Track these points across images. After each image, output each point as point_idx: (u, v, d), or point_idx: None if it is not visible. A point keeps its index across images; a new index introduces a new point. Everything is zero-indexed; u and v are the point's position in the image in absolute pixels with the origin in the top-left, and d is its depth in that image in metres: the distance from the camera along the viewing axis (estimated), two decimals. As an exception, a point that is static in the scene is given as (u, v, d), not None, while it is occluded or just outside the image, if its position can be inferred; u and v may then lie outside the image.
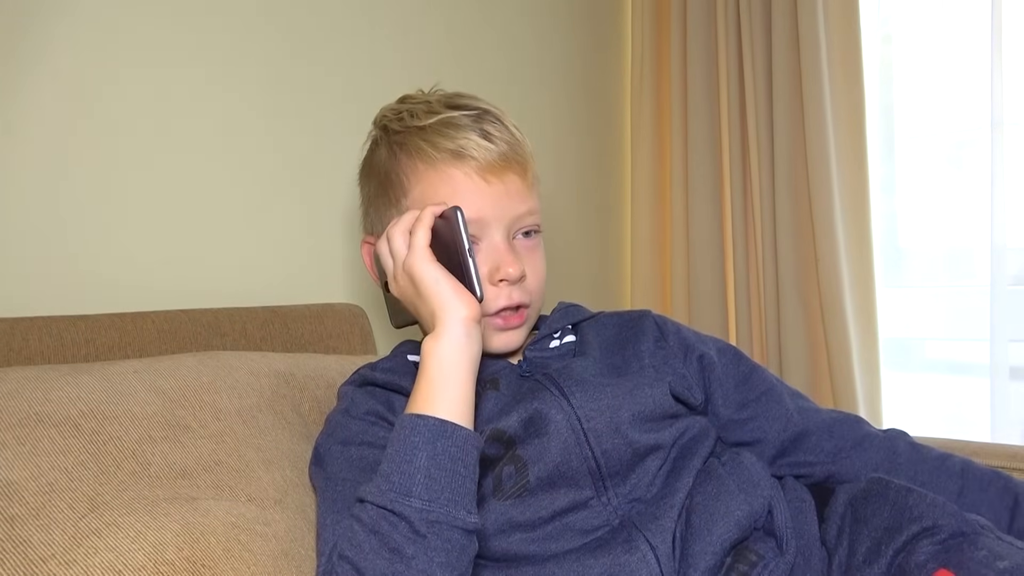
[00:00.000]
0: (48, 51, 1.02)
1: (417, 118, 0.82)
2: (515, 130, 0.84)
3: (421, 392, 0.70)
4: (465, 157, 0.80)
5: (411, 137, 0.82)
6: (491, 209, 0.80)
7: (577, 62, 1.81)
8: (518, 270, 0.80)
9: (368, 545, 0.64)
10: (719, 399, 0.88)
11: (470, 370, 0.72)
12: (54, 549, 0.64)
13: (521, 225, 0.83)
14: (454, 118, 0.81)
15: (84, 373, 0.80)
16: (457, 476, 0.66)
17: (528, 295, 0.83)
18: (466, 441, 0.68)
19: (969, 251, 1.61)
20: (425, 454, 0.66)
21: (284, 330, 1.11)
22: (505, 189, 0.81)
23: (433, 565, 0.63)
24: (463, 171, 0.80)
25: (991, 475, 0.85)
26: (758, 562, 0.73)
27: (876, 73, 1.67)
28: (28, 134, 1.01)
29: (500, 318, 0.82)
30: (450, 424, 0.67)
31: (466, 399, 0.70)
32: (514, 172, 0.82)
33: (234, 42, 1.20)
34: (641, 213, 1.84)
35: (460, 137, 0.80)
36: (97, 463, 0.71)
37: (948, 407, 1.67)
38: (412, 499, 0.64)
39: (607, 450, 0.77)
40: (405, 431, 0.67)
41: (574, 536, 0.75)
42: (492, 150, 0.80)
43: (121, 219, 1.08)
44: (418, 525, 0.63)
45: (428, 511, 0.64)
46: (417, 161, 0.82)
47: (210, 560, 0.67)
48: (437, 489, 0.65)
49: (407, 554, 0.63)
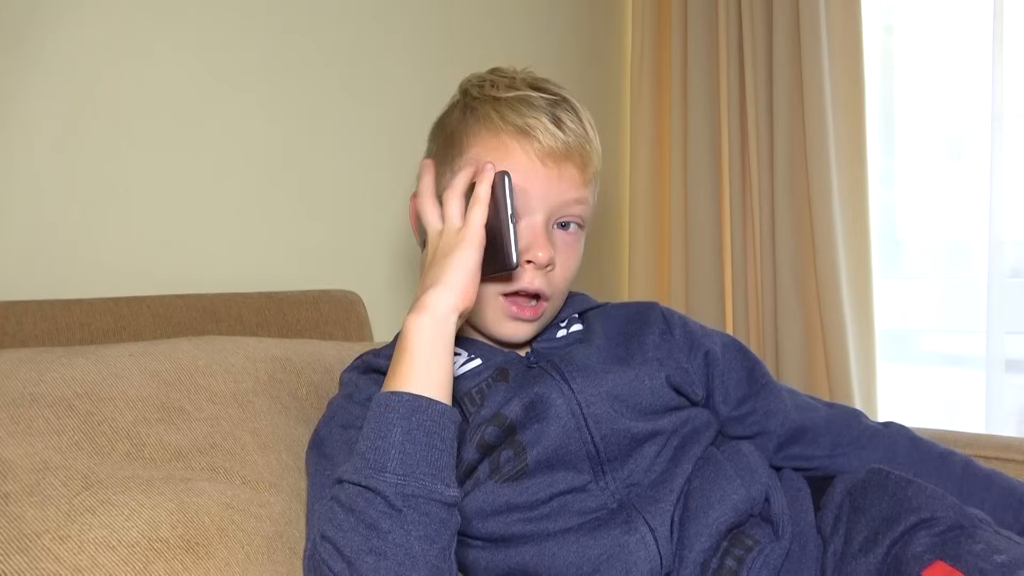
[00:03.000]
0: (49, 38, 1.01)
1: (496, 89, 0.81)
2: (588, 125, 0.82)
3: (398, 368, 0.69)
4: (529, 136, 0.78)
5: (484, 105, 0.81)
6: (539, 188, 0.78)
7: (577, 54, 1.81)
8: (547, 255, 0.78)
9: (347, 523, 0.64)
10: (719, 396, 0.88)
11: (448, 350, 0.70)
12: (48, 525, 0.64)
13: (565, 214, 0.81)
14: (531, 97, 0.80)
15: (79, 355, 0.80)
16: (433, 450, 0.66)
17: (550, 287, 0.81)
18: (442, 415, 0.67)
19: (967, 243, 1.61)
20: (400, 429, 0.65)
21: (280, 316, 1.11)
22: (559, 175, 0.79)
23: (411, 538, 0.63)
24: (523, 147, 0.79)
25: (993, 475, 0.85)
26: (754, 547, 0.74)
27: (877, 64, 1.67)
28: (26, 120, 1.00)
29: (514, 304, 0.81)
30: (424, 399, 0.67)
31: (443, 376, 0.69)
32: (574, 164, 0.80)
33: (231, 30, 1.19)
34: (639, 202, 1.84)
35: (530, 116, 0.79)
36: (91, 443, 0.71)
37: (943, 399, 1.67)
38: (387, 474, 0.64)
39: (606, 435, 0.77)
40: (380, 408, 0.67)
41: (571, 516, 0.75)
42: (558, 136, 0.78)
43: (117, 204, 1.08)
44: (393, 499, 0.63)
45: (403, 485, 0.64)
46: (482, 127, 0.80)
47: (204, 539, 0.67)
48: (412, 463, 0.64)
49: (383, 529, 0.63)
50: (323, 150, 1.30)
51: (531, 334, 0.83)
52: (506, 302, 0.80)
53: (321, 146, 1.30)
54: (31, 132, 1.00)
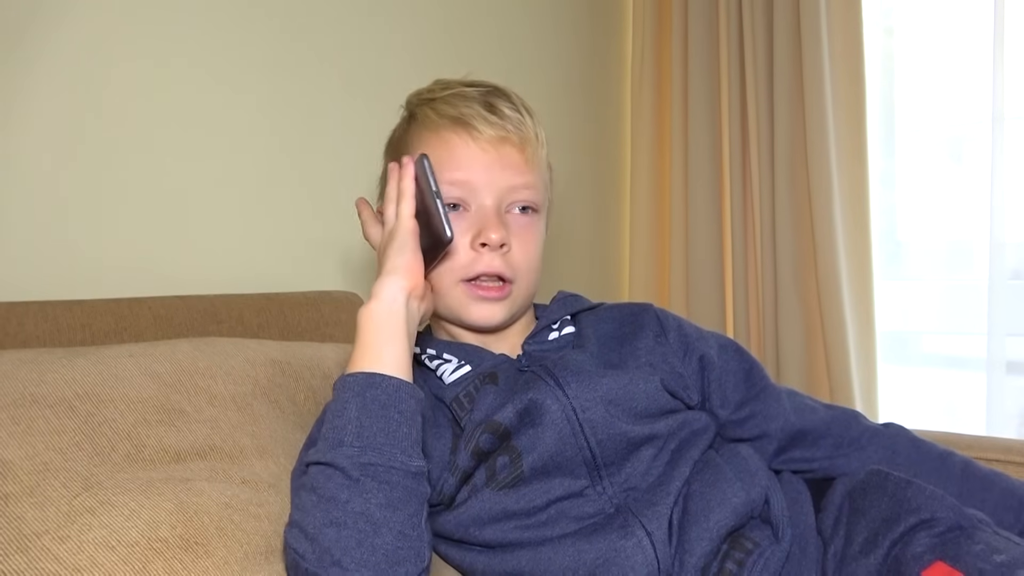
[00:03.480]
0: (47, 39, 1.01)
1: (432, 92, 0.85)
2: (524, 110, 0.84)
3: (353, 355, 0.71)
4: (465, 124, 0.81)
5: (422, 107, 0.85)
6: (482, 174, 0.81)
7: (577, 53, 1.81)
8: (500, 236, 0.79)
9: (309, 502, 0.65)
10: (717, 401, 0.87)
11: (403, 332, 0.72)
12: (48, 525, 0.64)
13: (514, 198, 0.83)
14: (465, 92, 0.83)
15: (79, 356, 0.80)
16: (391, 422, 0.67)
17: (512, 270, 0.82)
18: (397, 389, 0.68)
19: (968, 245, 1.61)
20: (354, 405, 0.67)
21: (281, 317, 1.11)
22: (499, 158, 0.81)
23: (371, 506, 0.64)
24: (460, 137, 0.81)
25: (993, 475, 0.85)
26: (754, 549, 0.74)
27: (877, 66, 1.67)
28: (26, 120, 1.00)
29: (478, 287, 0.81)
30: (378, 375, 0.68)
31: (398, 355, 0.70)
32: (512, 145, 0.82)
33: (231, 30, 1.19)
34: (640, 205, 1.84)
35: (464, 106, 0.81)
36: (92, 444, 0.71)
37: (944, 400, 1.67)
38: (343, 447, 0.65)
39: (602, 440, 0.76)
40: (337, 390, 0.69)
41: (568, 522, 0.75)
42: (493, 121, 0.81)
43: (118, 205, 1.08)
44: (350, 471, 0.64)
45: (359, 455, 0.65)
46: (422, 128, 0.84)
47: (203, 538, 0.67)
48: (369, 436, 0.66)
49: (341, 500, 0.64)
50: (324, 150, 1.30)
51: (504, 316, 0.83)
52: (469, 287, 0.81)
53: (322, 146, 1.30)
54: (31, 133, 1.01)
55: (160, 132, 1.12)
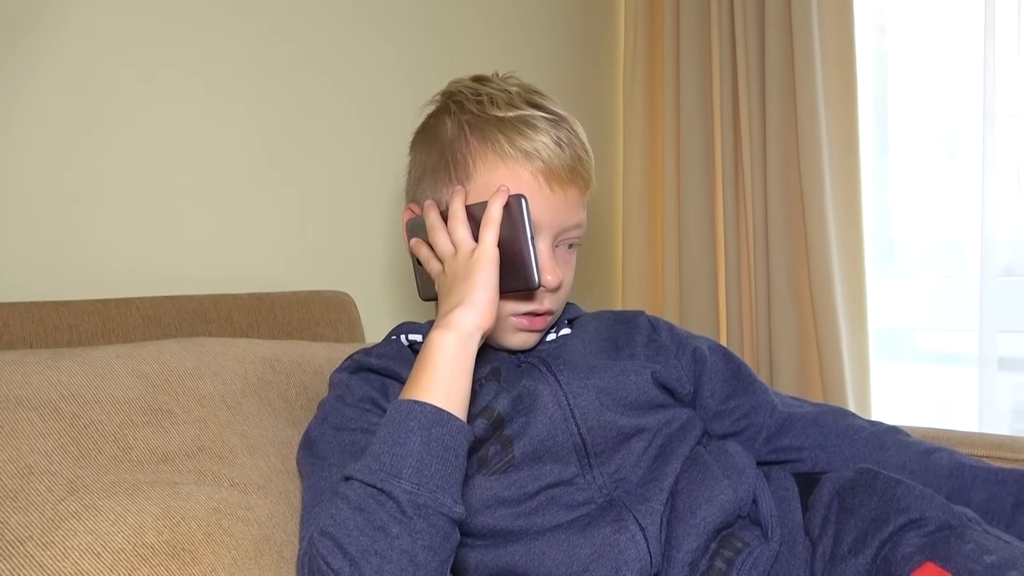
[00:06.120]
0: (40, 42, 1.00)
1: (497, 107, 0.83)
2: (586, 143, 0.85)
3: (420, 379, 0.70)
4: (536, 160, 0.80)
5: (487, 125, 0.82)
6: (548, 216, 0.81)
7: (569, 52, 1.80)
8: (557, 279, 0.81)
9: (352, 522, 0.64)
10: (707, 391, 0.90)
11: (468, 369, 0.72)
12: (31, 531, 0.63)
13: (567, 236, 0.84)
14: (533, 118, 0.82)
15: (65, 357, 0.79)
16: (448, 465, 0.66)
17: (557, 303, 0.84)
18: (460, 432, 0.68)
19: (960, 242, 1.61)
20: (419, 439, 0.66)
21: (271, 317, 1.10)
22: (565, 199, 0.82)
23: (416, 546, 0.63)
24: (531, 171, 0.80)
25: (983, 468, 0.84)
26: (743, 549, 0.74)
27: (869, 64, 1.67)
28: (16, 122, 0.99)
29: (526, 319, 0.83)
30: (446, 413, 0.68)
31: (462, 394, 0.71)
32: (577, 186, 0.83)
33: (224, 32, 1.19)
34: (633, 203, 1.84)
35: (536, 139, 0.81)
36: (77, 447, 0.70)
37: (937, 397, 1.68)
38: (402, 480, 0.64)
39: (592, 427, 0.78)
40: (401, 415, 0.67)
41: (559, 511, 0.76)
42: (563, 158, 0.81)
43: (106, 205, 1.07)
44: (405, 506, 0.63)
45: (416, 494, 0.64)
46: (489, 151, 0.82)
47: (190, 544, 0.66)
48: (427, 474, 0.65)
49: (392, 533, 0.63)
50: (313, 150, 1.30)
51: (538, 341, 0.86)
52: (518, 319, 0.83)
53: (311, 147, 1.29)
54: (19, 134, 1.00)
55: (149, 132, 1.11)
